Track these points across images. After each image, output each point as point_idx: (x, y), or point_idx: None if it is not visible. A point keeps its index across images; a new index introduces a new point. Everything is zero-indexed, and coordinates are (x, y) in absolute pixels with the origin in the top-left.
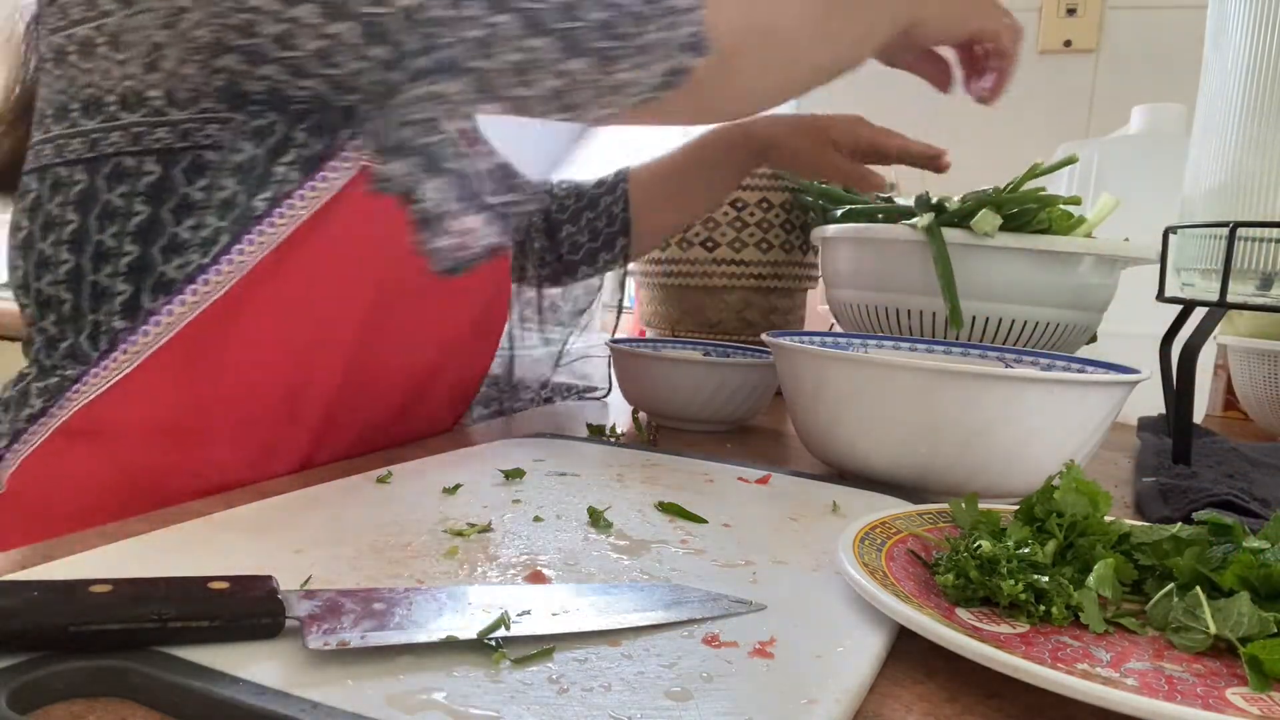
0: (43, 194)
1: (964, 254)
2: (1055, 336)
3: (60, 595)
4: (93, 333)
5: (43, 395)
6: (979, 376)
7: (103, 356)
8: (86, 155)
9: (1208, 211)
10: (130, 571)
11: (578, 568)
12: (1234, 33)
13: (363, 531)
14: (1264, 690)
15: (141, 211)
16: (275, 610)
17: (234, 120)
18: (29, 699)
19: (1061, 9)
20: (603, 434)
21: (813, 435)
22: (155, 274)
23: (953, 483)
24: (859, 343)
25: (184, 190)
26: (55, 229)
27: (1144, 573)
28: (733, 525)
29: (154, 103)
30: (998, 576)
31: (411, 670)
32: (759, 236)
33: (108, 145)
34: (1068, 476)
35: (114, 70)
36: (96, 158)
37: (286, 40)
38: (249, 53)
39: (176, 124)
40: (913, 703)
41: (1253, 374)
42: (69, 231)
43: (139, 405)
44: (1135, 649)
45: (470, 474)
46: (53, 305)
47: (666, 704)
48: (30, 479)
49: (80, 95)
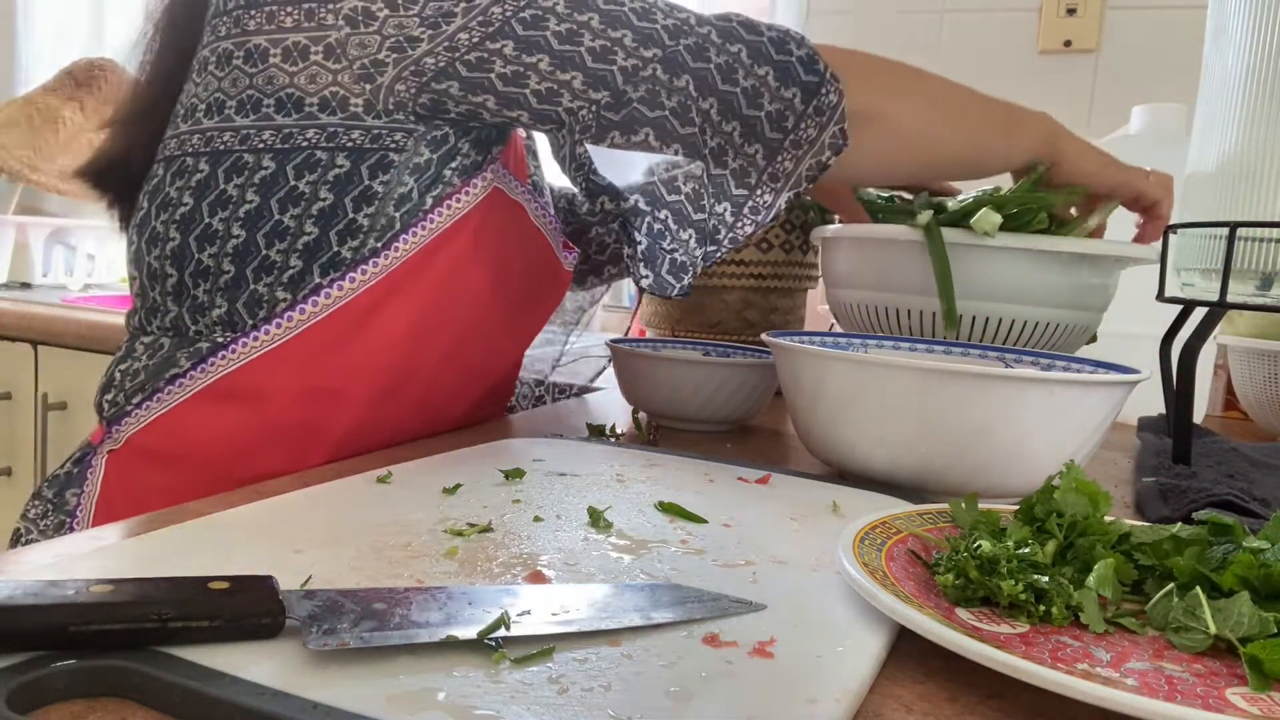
0: (216, 175)
1: (964, 254)
2: (1055, 336)
3: (60, 595)
4: (251, 301)
5: (191, 358)
6: (979, 376)
7: (257, 326)
8: (278, 146)
9: (1208, 211)
10: (130, 571)
11: (578, 568)
12: (1234, 33)
13: (363, 531)
14: (1264, 690)
15: (326, 199)
16: (275, 610)
17: (419, 129)
18: (29, 699)
19: (1061, 9)
20: (603, 434)
21: (813, 435)
22: (330, 253)
23: (953, 483)
24: (859, 343)
25: (367, 183)
26: (229, 206)
27: (1144, 573)
28: (733, 525)
29: (354, 109)
30: (998, 576)
31: (411, 670)
32: (759, 236)
33: (303, 140)
34: (1068, 476)
35: (322, 76)
36: (288, 150)
37: (514, 80)
38: (471, 84)
39: (370, 129)
40: (913, 703)
41: (1253, 374)
42: (246, 210)
43: (293, 371)
44: (1135, 649)
45: (470, 474)
46: (211, 274)
47: (666, 704)
48: (167, 435)
49: (275, 93)
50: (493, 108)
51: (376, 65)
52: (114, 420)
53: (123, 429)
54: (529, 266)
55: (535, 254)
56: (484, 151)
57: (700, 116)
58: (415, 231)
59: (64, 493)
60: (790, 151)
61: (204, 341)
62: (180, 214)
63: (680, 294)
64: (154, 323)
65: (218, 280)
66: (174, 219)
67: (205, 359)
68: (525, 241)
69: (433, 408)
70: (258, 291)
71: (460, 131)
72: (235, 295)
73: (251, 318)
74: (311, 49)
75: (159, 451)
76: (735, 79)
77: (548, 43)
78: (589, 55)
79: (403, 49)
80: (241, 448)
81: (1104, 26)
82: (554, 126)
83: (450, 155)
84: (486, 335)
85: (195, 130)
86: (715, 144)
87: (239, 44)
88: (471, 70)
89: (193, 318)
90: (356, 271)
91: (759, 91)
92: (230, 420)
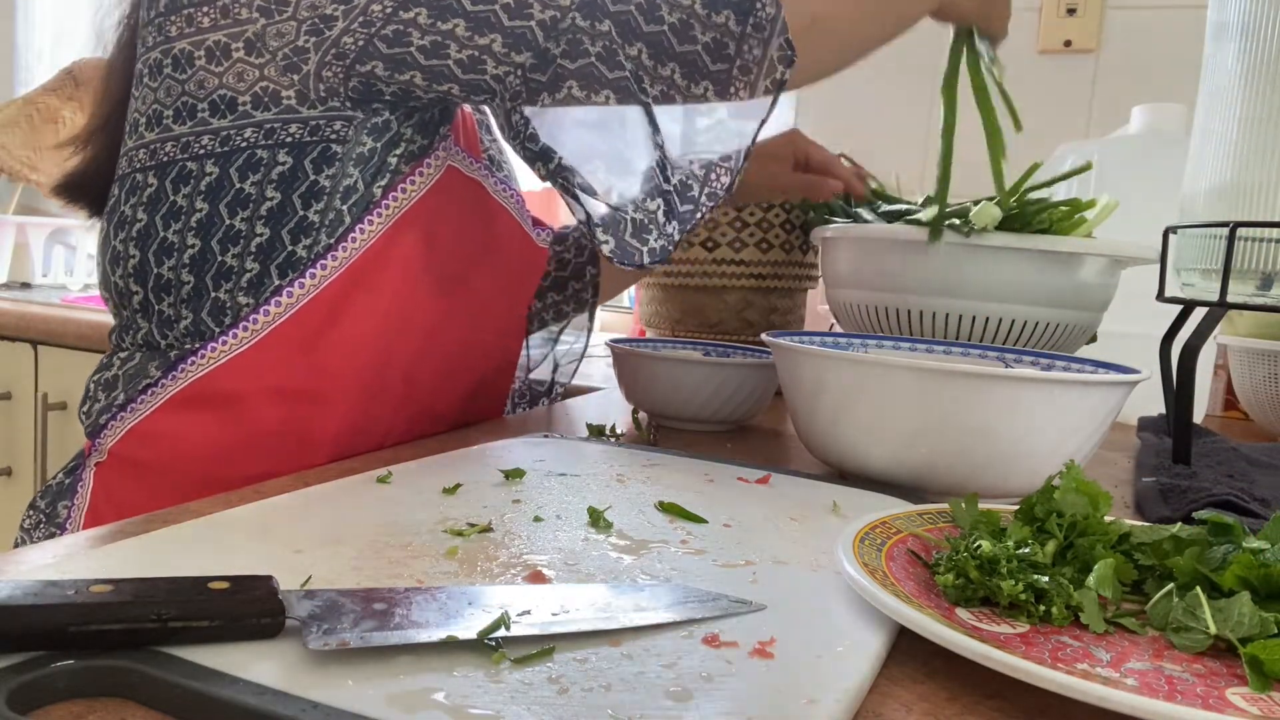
0: (164, 187)
1: (964, 254)
2: (1055, 336)
3: (60, 595)
4: (215, 309)
5: (162, 366)
6: (979, 376)
7: (224, 331)
8: (218, 150)
9: (1208, 211)
10: (130, 571)
11: (578, 568)
12: (1234, 33)
13: (363, 531)
14: (1264, 690)
15: (273, 198)
16: (275, 610)
17: (358, 117)
18: (29, 699)
19: (1061, 9)
20: (603, 434)
21: (813, 435)
22: (285, 253)
23: (953, 483)
24: (859, 343)
25: (313, 178)
26: (180, 217)
27: (1144, 573)
28: (733, 525)
29: (286, 101)
30: (998, 576)
31: (411, 670)
32: (759, 236)
33: (241, 140)
34: (1068, 476)
35: (249, 73)
36: (229, 152)
37: (434, 51)
38: (395, 61)
39: (307, 120)
40: (913, 703)
41: (1253, 374)
42: (197, 219)
43: (265, 375)
44: (1135, 649)
45: (470, 474)
46: (172, 288)
47: (666, 704)
48: (147, 445)
49: (208, 96)
50: (422, 84)
51: (298, 53)
52: (93, 433)
53: (103, 441)
54: (497, 245)
55: (503, 231)
56: (429, 134)
57: (631, 63)
58: (368, 223)
59: (56, 505)
60: (741, 80)
61: (174, 351)
62: (136, 230)
63: (654, 261)
64: (127, 339)
65: (180, 292)
66: (131, 236)
67: (175, 366)
68: (489, 220)
69: (418, 403)
70: (220, 299)
71: (402, 116)
72: (199, 305)
73: (218, 325)
74: (232, 46)
75: (141, 462)
76: (659, 16)
77: (460, 5)
78: (504, 13)
79: (320, 31)
80: (223, 456)
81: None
82: (487, 97)
83: (394, 142)
84: (463, 321)
85: (140, 145)
86: (658, 91)
87: (165, 52)
88: (391, 46)
89: (162, 332)
90: (315, 269)
91: (688, 24)
92: (207, 428)
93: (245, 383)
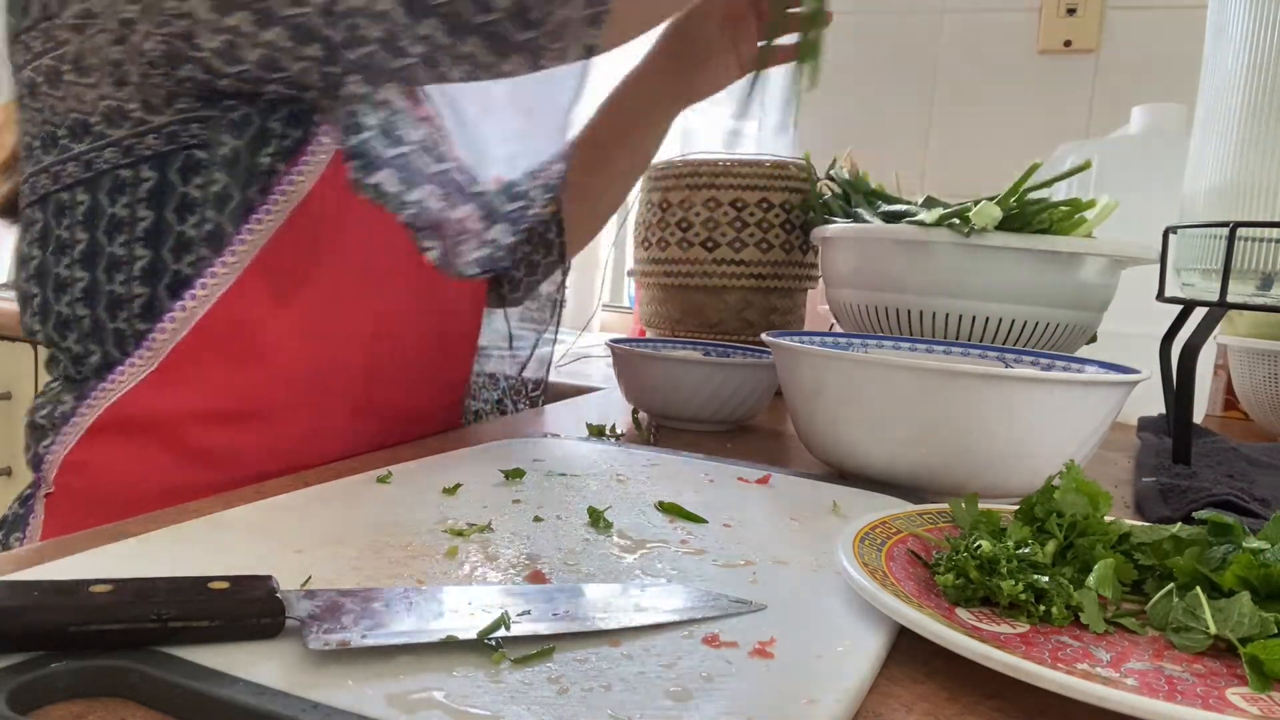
0: (49, 221)
1: (964, 254)
2: (1055, 336)
3: (60, 595)
4: (118, 340)
5: (75, 396)
6: (979, 376)
7: (128, 356)
8: (84, 176)
9: (1208, 211)
10: (130, 571)
11: (578, 568)
12: (1234, 33)
13: (363, 531)
14: (1264, 690)
15: (146, 217)
16: (275, 610)
17: (213, 116)
18: (29, 699)
19: (1061, 9)
20: (603, 434)
21: (813, 435)
22: (169, 273)
23: (952, 483)
24: (859, 343)
25: (182, 190)
26: (67, 251)
27: (1144, 573)
28: (733, 525)
29: (134, 114)
30: (998, 576)
31: (411, 670)
32: (759, 236)
33: (102, 162)
34: (1068, 476)
35: (87, 93)
36: (94, 176)
37: (231, 53)
38: (206, 67)
39: (161, 128)
40: (913, 703)
41: (1253, 374)
42: (80, 250)
43: (190, 394)
44: (1135, 649)
45: (470, 474)
46: (73, 324)
47: (666, 704)
48: (79, 474)
49: (65, 121)
50: (248, 92)
51: (116, 66)
52: (35, 466)
53: (43, 472)
54: None
55: None
56: (302, 125)
57: (423, 45)
58: (250, 230)
59: (9, 538)
60: (551, 47)
61: (88, 383)
62: (34, 268)
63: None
64: (55, 371)
65: (80, 327)
66: (32, 274)
67: (87, 396)
68: None
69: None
70: (119, 329)
71: (264, 111)
72: (102, 337)
73: (123, 355)
74: (60, 69)
75: (83, 493)
76: None
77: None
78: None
79: (124, 38)
80: (162, 482)
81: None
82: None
83: (262, 139)
84: (400, 315)
85: (25, 181)
86: (461, 72)
87: (18, 80)
88: (195, 50)
89: (77, 369)
90: (197, 286)
91: None
92: (137, 455)
93: (164, 406)
